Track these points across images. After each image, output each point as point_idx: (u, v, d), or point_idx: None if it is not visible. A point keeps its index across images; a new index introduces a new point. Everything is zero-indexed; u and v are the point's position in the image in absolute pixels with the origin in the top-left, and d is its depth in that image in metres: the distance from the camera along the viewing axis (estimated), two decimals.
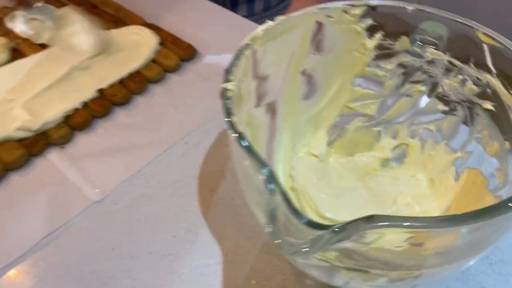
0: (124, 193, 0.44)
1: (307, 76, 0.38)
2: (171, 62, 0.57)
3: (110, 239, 0.41)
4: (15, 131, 0.47)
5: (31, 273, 0.39)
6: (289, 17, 0.33)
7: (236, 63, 0.30)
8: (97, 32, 0.56)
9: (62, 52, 0.56)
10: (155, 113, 0.52)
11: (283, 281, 0.38)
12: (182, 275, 0.38)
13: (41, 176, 0.46)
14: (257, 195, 0.26)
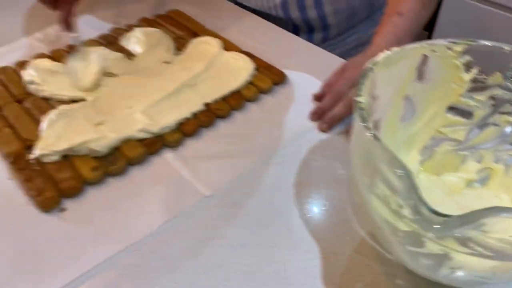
0: (230, 191, 0.51)
1: (408, 100, 0.44)
2: (265, 84, 0.64)
3: (222, 229, 0.47)
4: (137, 132, 0.55)
5: (155, 253, 0.45)
6: (403, 48, 0.40)
7: (363, 81, 0.36)
8: None
9: (173, 70, 0.65)
10: (251, 126, 0.59)
11: (374, 279, 0.43)
12: (286, 265, 0.44)
13: (158, 172, 0.53)
14: (385, 188, 0.32)
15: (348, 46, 0.88)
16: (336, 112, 0.58)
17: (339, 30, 0.86)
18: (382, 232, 0.36)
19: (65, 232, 0.47)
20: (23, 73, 0.64)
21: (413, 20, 0.64)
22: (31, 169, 0.51)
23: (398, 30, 0.63)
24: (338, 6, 0.81)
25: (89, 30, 0.77)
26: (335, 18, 0.83)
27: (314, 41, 0.80)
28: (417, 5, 0.64)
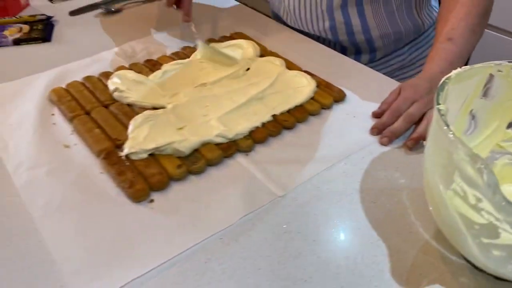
0: (300, 193, 0.56)
1: (471, 115, 0.49)
2: (327, 101, 0.70)
3: (295, 225, 0.52)
4: (215, 137, 0.61)
5: (237, 242, 0.50)
6: (472, 67, 0.45)
7: (441, 93, 0.41)
8: None
9: (242, 84, 0.71)
10: (315, 138, 0.64)
11: (439, 277, 0.46)
12: (356, 259, 0.48)
13: (233, 173, 0.59)
14: (463, 184, 0.36)
15: (392, 68, 0.93)
16: (396, 127, 0.62)
17: (385, 52, 0.91)
18: (456, 228, 0.40)
19: (155, 220, 0.52)
20: (108, 82, 0.71)
21: (463, 45, 0.69)
22: (122, 164, 0.57)
23: (450, 55, 0.68)
24: (385, 32, 0.87)
25: (162, 47, 0.85)
26: (382, 42, 0.89)
27: (361, 62, 0.86)
28: (467, 32, 0.70)
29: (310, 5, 0.87)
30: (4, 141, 0.63)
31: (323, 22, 0.87)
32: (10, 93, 0.72)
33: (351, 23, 0.86)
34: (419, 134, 0.62)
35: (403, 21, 0.88)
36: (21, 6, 1.00)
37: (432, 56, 0.69)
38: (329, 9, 0.85)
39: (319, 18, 0.87)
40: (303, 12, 0.88)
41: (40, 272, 0.46)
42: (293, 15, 0.91)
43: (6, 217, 0.52)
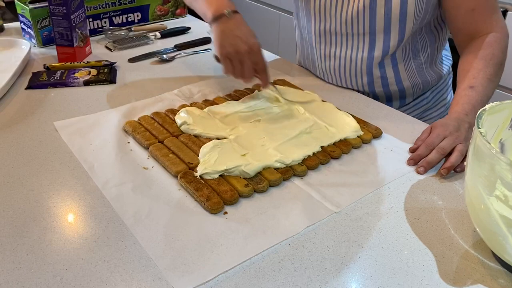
0: (353, 210, 0.64)
1: (501, 144, 0.58)
2: (367, 136, 0.80)
3: (351, 236, 0.60)
4: (274, 162, 0.71)
5: (304, 247, 0.58)
6: (502, 103, 0.55)
7: (479, 121, 0.51)
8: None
9: (293, 121, 0.82)
10: (359, 167, 0.74)
11: (480, 278, 0.54)
12: (408, 263, 0.56)
13: (292, 193, 0.68)
14: (505, 189, 0.45)
15: (419, 110, 1.05)
16: (430, 158, 0.72)
17: (413, 98, 1.03)
18: (497, 230, 0.48)
19: (230, 228, 0.60)
20: (176, 117, 0.82)
21: (483, 92, 0.82)
22: (198, 182, 0.66)
23: (472, 100, 0.80)
24: (414, 82, 0.99)
25: (215, 89, 0.97)
26: (412, 90, 1.00)
27: (393, 107, 0.97)
28: (485, 81, 0.83)
29: (350, 66, 0.98)
30: (89, 162, 0.72)
31: (361, 79, 0.99)
32: (89, 124, 0.83)
33: (386, 76, 0.98)
34: (452, 164, 0.71)
35: (428, 71, 1.00)
36: (86, 53, 1.13)
37: (457, 101, 0.81)
38: (369, 68, 0.96)
39: (357, 76, 0.98)
40: (343, 72, 0.99)
41: (138, 266, 0.54)
42: (331, 75, 1.02)
43: (103, 224, 0.61)
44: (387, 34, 0.92)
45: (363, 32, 0.93)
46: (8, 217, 0.61)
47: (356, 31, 0.93)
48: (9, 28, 1.30)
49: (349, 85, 1.01)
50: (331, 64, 1.00)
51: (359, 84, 1.00)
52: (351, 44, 0.96)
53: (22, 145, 0.77)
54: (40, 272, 0.53)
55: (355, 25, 0.93)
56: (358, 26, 0.92)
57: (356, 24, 0.92)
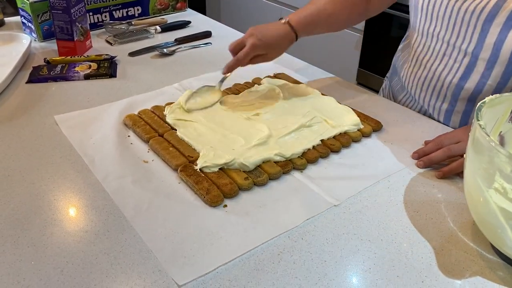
0: (352, 203, 0.64)
1: (501, 136, 0.58)
2: (367, 130, 0.80)
3: (351, 228, 0.60)
4: (274, 155, 0.71)
5: (303, 240, 0.58)
6: (502, 95, 0.55)
7: (479, 113, 0.51)
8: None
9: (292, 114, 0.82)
10: (359, 159, 0.74)
11: (479, 270, 0.54)
12: (407, 255, 0.56)
13: (291, 186, 0.68)
14: (503, 182, 0.45)
15: None
16: (433, 155, 0.71)
17: None
18: (496, 222, 0.48)
19: (230, 221, 0.61)
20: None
21: None
22: (198, 176, 0.67)
23: None
24: None
25: (215, 84, 0.97)
26: None
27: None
28: None
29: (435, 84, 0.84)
30: (90, 156, 0.73)
31: (441, 103, 0.85)
32: (89, 118, 0.83)
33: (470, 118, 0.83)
34: (450, 169, 0.69)
35: None
36: (86, 48, 1.13)
37: None
38: (454, 97, 0.82)
39: (439, 98, 0.85)
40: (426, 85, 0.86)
41: (139, 258, 0.55)
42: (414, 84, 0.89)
43: (103, 216, 0.61)
44: (489, 69, 0.75)
45: (464, 51, 0.77)
46: (9, 210, 0.62)
47: (458, 45, 0.77)
48: (9, 22, 1.30)
49: (426, 103, 0.87)
50: (418, 72, 0.87)
51: (436, 107, 0.86)
52: (447, 59, 0.81)
53: (22, 138, 0.77)
54: (41, 264, 0.53)
55: (460, 38, 0.77)
56: (463, 40, 0.76)
57: (462, 37, 0.76)
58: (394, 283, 0.52)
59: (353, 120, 0.81)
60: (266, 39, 0.85)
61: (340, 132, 0.78)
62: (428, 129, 0.82)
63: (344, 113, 0.83)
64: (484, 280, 0.53)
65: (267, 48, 0.86)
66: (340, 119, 0.81)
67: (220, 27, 1.34)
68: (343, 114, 0.83)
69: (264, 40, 0.85)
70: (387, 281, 0.53)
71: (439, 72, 0.82)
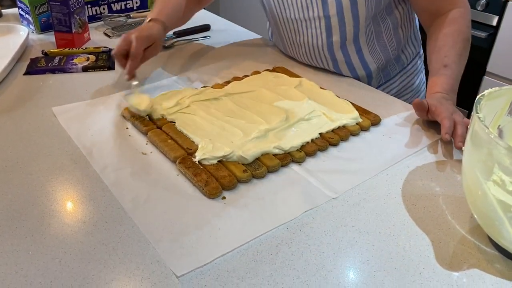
0: (350, 196, 0.65)
1: (499, 130, 0.58)
2: (366, 123, 0.80)
3: (348, 221, 0.60)
4: (273, 148, 0.71)
5: (301, 232, 0.58)
6: (501, 88, 0.55)
7: (478, 106, 0.51)
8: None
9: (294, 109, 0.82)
10: (357, 153, 0.74)
11: (477, 262, 0.55)
12: (405, 248, 0.56)
13: (290, 179, 0.68)
14: (502, 174, 0.45)
15: (392, 94, 1.05)
16: (463, 131, 0.74)
17: (380, 83, 1.05)
18: (494, 215, 0.49)
19: (229, 213, 0.61)
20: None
21: (456, 69, 0.85)
22: (197, 168, 0.67)
23: (448, 79, 0.83)
24: (381, 65, 1.00)
25: (213, 77, 0.97)
26: (379, 74, 1.02)
27: None
28: (457, 57, 0.85)
29: (314, 52, 1.00)
30: (88, 147, 0.72)
31: (327, 63, 1.00)
32: (87, 110, 0.83)
33: (351, 61, 0.99)
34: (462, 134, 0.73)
35: (395, 54, 1.01)
36: (84, 40, 1.12)
37: (435, 82, 0.84)
38: (331, 53, 0.98)
39: (323, 61, 1.00)
40: (310, 58, 1.02)
41: (137, 249, 0.55)
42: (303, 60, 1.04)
43: (102, 208, 0.61)
44: (341, 19, 0.92)
45: (318, 17, 0.93)
46: (7, 200, 0.61)
47: (312, 16, 0.94)
48: (7, 14, 1.29)
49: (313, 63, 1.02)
50: (300, 51, 1.02)
51: (326, 68, 1.01)
52: (310, 30, 0.97)
53: (20, 130, 0.77)
54: (39, 254, 0.53)
55: (310, 10, 0.93)
56: (313, 11, 0.93)
57: (311, 9, 0.93)
58: (392, 275, 0.53)
59: (352, 113, 0.81)
60: (145, 31, 0.90)
61: (338, 126, 0.78)
62: (426, 123, 0.82)
63: (342, 106, 0.83)
64: (481, 272, 0.53)
65: (150, 38, 0.90)
66: (338, 113, 0.81)
67: (219, 20, 1.34)
68: (341, 108, 0.83)
69: (145, 32, 0.90)
70: (385, 273, 0.53)
71: (311, 43, 0.99)
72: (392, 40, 0.99)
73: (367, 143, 0.77)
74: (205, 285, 0.51)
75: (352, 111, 0.81)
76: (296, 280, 0.52)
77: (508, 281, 0.52)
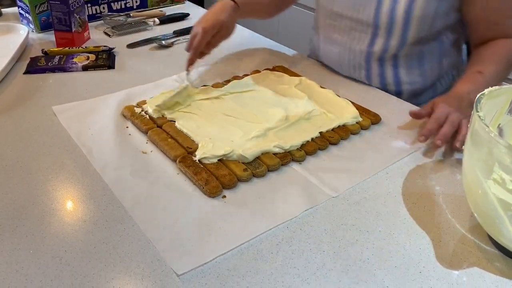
0: (351, 195, 0.65)
1: (500, 129, 0.58)
2: (366, 123, 0.80)
3: (349, 220, 0.60)
4: (273, 147, 0.71)
5: (301, 230, 0.58)
6: (501, 87, 0.55)
7: (478, 105, 0.51)
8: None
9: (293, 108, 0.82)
10: (357, 152, 0.74)
11: (477, 261, 0.55)
12: (405, 246, 0.56)
13: (290, 177, 0.68)
14: (502, 172, 0.45)
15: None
16: (445, 130, 0.72)
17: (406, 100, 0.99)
18: (494, 213, 0.49)
19: (229, 211, 0.61)
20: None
21: (489, 79, 0.82)
22: (197, 167, 0.67)
23: (476, 82, 0.81)
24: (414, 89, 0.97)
25: (213, 75, 0.97)
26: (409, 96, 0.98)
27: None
28: (494, 71, 0.83)
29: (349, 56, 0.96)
30: (88, 146, 0.72)
31: (359, 71, 0.96)
32: (87, 109, 0.83)
33: (385, 76, 0.95)
34: (444, 133, 0.72)
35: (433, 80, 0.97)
36: (84, 39, 1.12)
37: (463, 80, 0.83)
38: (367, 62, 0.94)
39: (356, 67, 0.96)
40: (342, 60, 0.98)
41: (137, 248, 0.55)
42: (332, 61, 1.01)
43: (102, 206, 0.61)
44: (389, 32, 0.89)
45: (366, 22, 0.91)
46: (7, 199, 0.61)
47: (361, 19, 0.91)
48: (6, 13, 1.29)
49: (348, 74, 0.99)
50: (332, 50, 0.99)
51: (356, 76, 0.98)
52: (353, 32, 0.94)
53: (20, 129, 0.77)
54: (39, 253, 0.53)
55: (361, 13, 0.90)
56: (364, 15, 0.90)
57: (363, 12, 0.90)
58: (392, 274, 0.53)
59: (352, 112, 0.81)
60: (213, 17, 0.92)
61: (339, 125, 0.78)
62: (426, 122, 0.83)
63: (343, 106, 0.83)
64: (481, 271, 0.54)
65: (218, 23, 0.91)
66: (339, 112, 0.81)
67: None
68: (342, 107, 0.83)
69: (212, 18, 0.91)
70: (385, 272, 0.53)
71: (349, 45, 0.96)
72: (434, 67, 0.96)
73: (367, 142, 0.77)
74: (206, 284, 0.51)
75: (352, 110, 0.82)
76: (296, 278, 0.52)
77: (508, 279, 0.52)
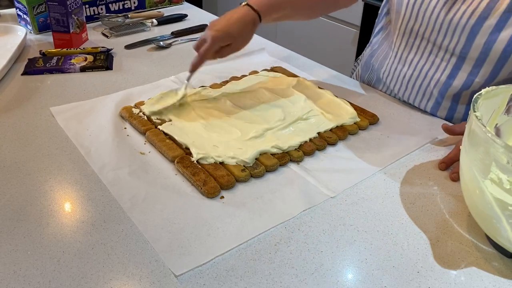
0: (348, 195, 0.65)
1: (497, 129, 0.59)
2: (364, 123, 0.80)
3: (347, 220, 0.60)
4: (271, 148, 0.71)
5: (299, 230, 0.58)
6: (498, 87, 0.55)
7: (475, 105, 0.51)
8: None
9: (291, 108, 0.82)
10: (355, 152, 0.74)
11: (474, 261, 0.55)
12: (403, 246, 0.56)
13: (288, 178, 0.68)
14: (499, 172, 0.46)
15: None
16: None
17: None
18: (491, 213, 0.49)
19: (227, 212, 0.61)
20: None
21: None
22: (195, 167, 0.67)
23: None
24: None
25: (212, 77, 0.97)
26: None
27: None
28: None
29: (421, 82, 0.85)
30: (86, 147, 0.72)
31: (426, 101, 0.85)
32: (85, 110, 0.83)
33: (454, 112, 0.84)
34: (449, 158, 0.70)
35: None
36: (82, 40, 1.12)
37: None
38: (440, 94, 0.82)
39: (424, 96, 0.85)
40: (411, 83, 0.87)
41: (135, 249, 0.55)
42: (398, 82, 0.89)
43: (100, 207, 0.61)
44: (477, 67, 0.76)
45: (451, 50, 0.78)
46: (5, 200, 0.61)
47: (444, 45, 0.79)
48: (4, 14, 1.29)
49: (411, 101, 0.88)
50: (403, 70, 0.87)
51: (422, 105, 0.87)
52: (431, 57, 0.82)
53: (18, 130, 0.77)
54: (37, 254, 0.53)
55: (447, 38, 0.78)
56: (449, 41, 0.78)
57: (448, 38, 0.78)
58: (390, 274, 0.53)
59: (350, 113, 0.81)
60: (226, 28, 0.79)
61: (337, 125, 0.78)
62: (424, 122, 0.83)
63: (341, 106, 0.83)
64: (479, 270, 0.54)
65: (229, 37, 0.80)
66: (336, 112, 0.81)
67: None
68: (340, 107, 0.83)
69: (224, 29, 0.79)
70: (383, 272, 0.53)
71: (426, 71, 0.83)
72: None
73: (365, 142, 0.77)
74: (204, 284, 0.51)
75: (350, 110, 0.82)
76: (294, 278, 0.52)
77: (505, 279, 0.53)
